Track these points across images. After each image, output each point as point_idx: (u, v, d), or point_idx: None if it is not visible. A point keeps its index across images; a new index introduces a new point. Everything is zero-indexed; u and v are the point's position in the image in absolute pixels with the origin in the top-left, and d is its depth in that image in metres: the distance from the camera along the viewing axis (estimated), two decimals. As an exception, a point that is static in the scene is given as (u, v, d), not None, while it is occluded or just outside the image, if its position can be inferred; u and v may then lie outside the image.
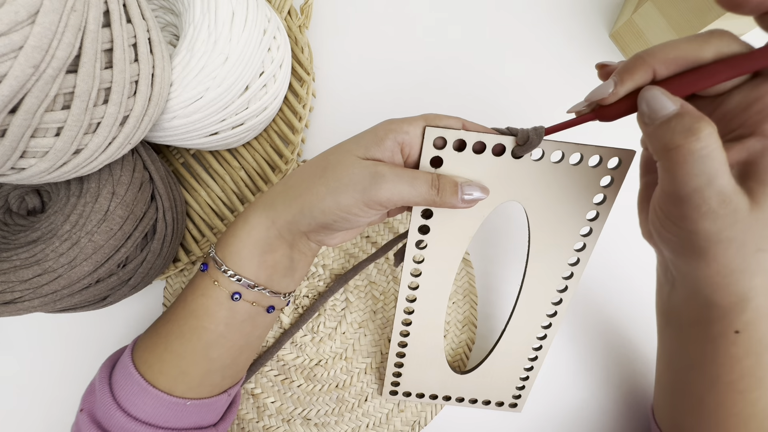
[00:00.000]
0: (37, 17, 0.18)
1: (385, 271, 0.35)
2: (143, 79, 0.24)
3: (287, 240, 0.23)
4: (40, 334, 0.34)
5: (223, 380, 0.26)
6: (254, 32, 0.28)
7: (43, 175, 0.23)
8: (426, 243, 0.25)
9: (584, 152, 0.22)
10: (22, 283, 0.24)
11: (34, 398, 0.34)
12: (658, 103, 0.17)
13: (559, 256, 0.25)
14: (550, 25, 0.38)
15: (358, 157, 0.22)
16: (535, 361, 0.30)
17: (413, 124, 0.21)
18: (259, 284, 0.24)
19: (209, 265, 0.24)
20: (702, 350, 0.21)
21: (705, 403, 0.22)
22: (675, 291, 0.22)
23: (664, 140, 0.16)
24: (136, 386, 0.24)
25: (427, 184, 0.21)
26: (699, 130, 0.16)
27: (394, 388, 0.31)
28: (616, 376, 0.34)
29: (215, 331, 0.24)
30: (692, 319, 0.21)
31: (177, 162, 0.35)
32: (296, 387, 0.33)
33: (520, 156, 0.22)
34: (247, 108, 0.30)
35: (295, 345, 0.34)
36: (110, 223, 0.26)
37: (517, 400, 0.32)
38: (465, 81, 0.38)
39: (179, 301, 0.25)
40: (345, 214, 0.22)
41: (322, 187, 0.22)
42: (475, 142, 0.22)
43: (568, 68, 0.38)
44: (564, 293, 0.27)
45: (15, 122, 0.20)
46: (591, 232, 0.24)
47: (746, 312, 0.19)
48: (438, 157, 0.22)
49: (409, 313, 0.28)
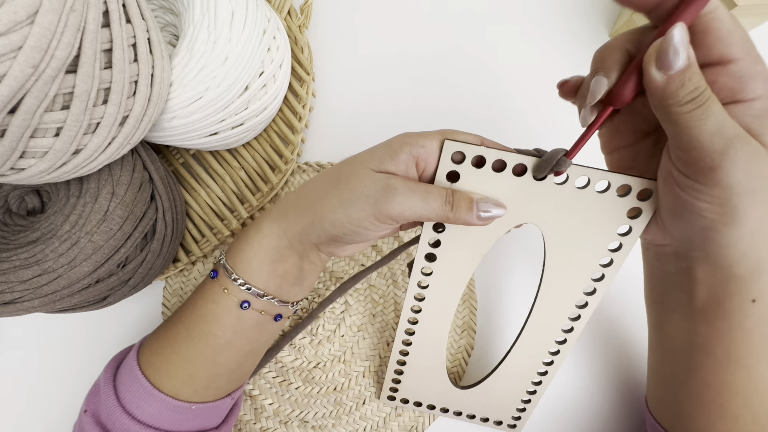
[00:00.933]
0: (36, 17, 0.18)
1: (385, 275, 0.35)
2: (143, 79, 0.24)
3: (298, 250, 0.23)
4: (40, 334, 0.34)
5: (228, 384, 0.26)
6: (254, 32, 0.28)
7: (42, 175, 0.23)
8: (436, 257, 0.24)
9: (612, 180, 0.21)
10: (21, 284, 0.24)
11: (34, 398, 0.34)
12: (676, 53, 0.17)
13: (574, 284, 0.24)
14: (550, 25, 0.38)
15: (371, 169, 0.21)
16: (539, 385, 0.29)
17: (429, 138, 0.21)
18: (269, 293, 0.24)
19: (219, 272, 0.24)
20: (714, 329, 0.21)
21: (711, 386, 0.22)
22: (689, 275, 0.22)
23: (678, 96, 0.17)
24: (142, 389, 0.24)
25: (441, 200, 0.21)
26: (704, 84, 0.17)
27: (393, 393, 0.31)
28: (615, 376, 0.34)
29: (223, 337, 0.24)
30: (708, 298, 0.21)
31: (177, 162, 0.35)
32: (294, 389, 0.33)
33: (542, 178, 0.21)
34: (246, 108, 0.30)
35: (293, 347, 0.34)
36: (110, 223, 0.26)
37: (516, 422, 0.31)
38: (465, 81, 0.38)
39: (188, 305, 0.25)
40: (355, 227, 0.21)
41: (334, 199, 0.22)
42: (495, 160, 0.21)
43: (568, 68, 0.38)
44: (576, 321, 0.26)
45: (14, 122, 0.20)
46: (612, 262, 0.23)
47: (763, 278, 0.20)
48: (455, 172, 0.21)
49: (414, 323, 0.27)
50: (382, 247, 0.35)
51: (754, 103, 0.18)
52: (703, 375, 0.23)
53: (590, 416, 0.33)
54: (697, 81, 0.17)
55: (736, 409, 0.22)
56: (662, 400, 0.26)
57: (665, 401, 0.26)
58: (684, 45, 0.17)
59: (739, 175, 0.17)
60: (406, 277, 0.35)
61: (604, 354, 0.34)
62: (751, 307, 0.20)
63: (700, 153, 0.18)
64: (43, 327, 0.35)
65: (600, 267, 0.23)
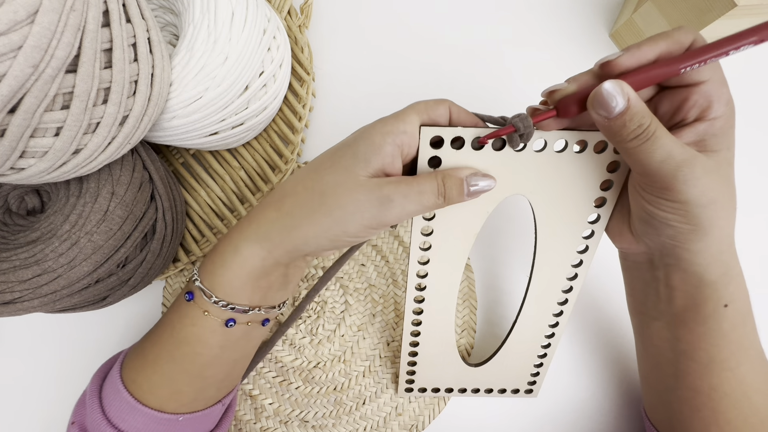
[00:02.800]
0: (36, 17, 0.18)
1: (385, 274, 0.35)
2: (143, 79, 0.24)
3: (284, 263, 0.23)
4: (40, 334, 0.34)
5: (218, 393, 0.25)
6: (254, 32, 0.28)
7: (42, 175, 0.23)
8: (430, 244, 0.25)
9: (588, 139, 0.22)
10: (21, 283, 0.24)
11: (34, 398, 0.34)
12: (610, 99, 0.18)
13: (567, 245, 0.25)
14: (550, 25, 0.38)
15: (359, 175, 0.20)
16: (548, 348, 0.30)
17: (407, 122, 0.20)
18: (254, 307, 0.23)
19: (195, 294, 0.22)
20: (695, 334, 0.22)
21: (700, 391, 0.23)
22: (665, 283, 0.22)
23: (622, 135, 0.19)
24: (125, 404, 0.23)
25: (434, 195, 0.20)
26: (648, 120, 0.18)
27: (409, 385, 0.32)
28: (615, 375, 0.34)
29: (209, 354, 0.23)
30: (685, 304, 0.22)
31: (177, 162, 0.35)
32: (294, 389, 0.33)
33: (521, 149, 0.22)
34: (246, 108, 0.30)
35: (293, 347, 0.34)
36: (110, 223, 0.26)
37: (532, 386, 0.32)
38: (464, 81, 0.38)
39: (165, 325, 0.24)
40: (352, 239, 0.21)
41: (326, 219, 0.20)
42: (474, 139, 0.21)
43: (568, 68, 0.38)
44: (574, 281, 0.27)
45: (14, 122, 0.20)
46: (599, 218, 0.24)
47: (731, 283, 0.21)
48: (436, 158, 0.21)
49: (418, 313, 0.28)
50: (380, 244, 0.35)
51: (715, 122, 0.19)
52: (690, 381, 0.23)
53: (591, 416, 0.33)
54: (640, 119, 0.18)
55: (727, 411, 0.23)
56: (657, 407, 0.26)
57: (660, 408, 0.26)
58: (618, 93, 0.18)
59: (695, 191, 0.19)
60: (405, 277, 0.35)
61: (604, 354, 0.34)
62: (725, 311, 0.21)
63: (653, 177, 0.19)
64: (43, 327, 0.34)
65: (589, 224, 0.25)
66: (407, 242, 0.35)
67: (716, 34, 0.31)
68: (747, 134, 0.33)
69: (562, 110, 0.20)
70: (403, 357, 0.30)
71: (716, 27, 0.29)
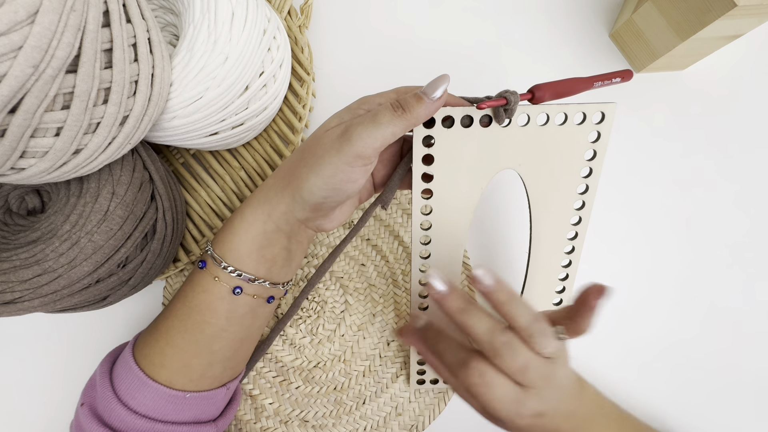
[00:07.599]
0: (36, 17, 0.18)
1: (385, 274, 0.35)
2: (143, 79, 0.24)
3: (285, 231, 0.24)
4: (40, 334, 0.34)
5: (223, 372, 0.26)
6: (254, 32, 0.28)
7: (42, 175, 0.23)
8: (431, 224, 0.26)
9: (568, 111, 0.23)
10: (22, 283, 0.24)
11: (34, 398, 0.34)
12: None
13: (560, 217, 0.26)
14: (550, 25, 0.38)
15: (331, 128, 0.22)
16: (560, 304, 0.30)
17: (385, 97, 0.23)
18: (259, 278, 0.24)
19: (207, 262, 0.25)
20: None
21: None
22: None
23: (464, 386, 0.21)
24: (136, 380, 0.24)
25: (390, 111, 0.21)
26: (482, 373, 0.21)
27: (421, 376, 0.32)
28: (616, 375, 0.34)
29: (217, 325, 0.24)
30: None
31: (177, 162, 0.35)
32: (294, 389, 0.33)
33: (506, 125, 0.23)
34: (247, 108, 0.30)
35: (293, 347, 0.34)
36: (110, 223, 0.26)
37: None
38: (464, 81, 0.38)
39: (178, 298, 0.25)
40: (331, 185, 0.22)
41: (304, 169, 0.22)
42: (462, 117, 0.23)
43: (567, 68, 0.38)
44: (572, 254, 0.27)
45: (15, 122, 0.20)
46: (588, 189, 0.25)
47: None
48: (429, 136, 0.23)
49: (424, 296, 0.28)
50: (379, 243, 0.35)
51: None
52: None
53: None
54: None
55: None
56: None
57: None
58: None
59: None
60: (406, 277, 0.35)
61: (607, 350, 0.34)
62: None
63: None
64: (43, 327, 0.35)
65: (579, 195, 0.26)
66: (407, 242, 0.35)
67: (716, 34, 0.31)
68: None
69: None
70: (412, 349, 0.30)
71: (716, 27, 0.29)
